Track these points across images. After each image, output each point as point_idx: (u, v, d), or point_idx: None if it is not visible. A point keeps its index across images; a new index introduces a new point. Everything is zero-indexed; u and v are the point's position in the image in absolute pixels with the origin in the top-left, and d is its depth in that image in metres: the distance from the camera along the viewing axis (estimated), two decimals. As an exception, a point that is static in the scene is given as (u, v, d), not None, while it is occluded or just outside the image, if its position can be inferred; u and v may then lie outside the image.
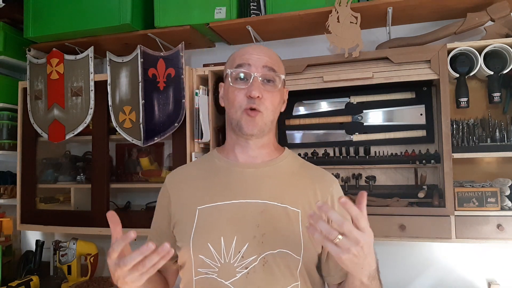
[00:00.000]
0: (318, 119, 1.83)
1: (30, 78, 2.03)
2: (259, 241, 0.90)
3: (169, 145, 2.07)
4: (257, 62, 0.93)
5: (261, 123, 0.94)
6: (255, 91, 0.90)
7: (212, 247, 0.90)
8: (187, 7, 1.85)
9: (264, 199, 0.93)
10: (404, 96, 1.74)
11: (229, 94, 0.95)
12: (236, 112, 0.94)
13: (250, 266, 0.88)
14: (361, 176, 1.78)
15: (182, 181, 1.03)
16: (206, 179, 1.00)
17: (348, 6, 1.62)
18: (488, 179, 1.62)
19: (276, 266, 0.89)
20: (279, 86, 0.96)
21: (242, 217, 0.91)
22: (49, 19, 1.98)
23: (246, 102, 0.92)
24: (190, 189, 0.99)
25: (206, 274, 0.90)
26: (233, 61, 0.97)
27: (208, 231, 0.92)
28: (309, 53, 1.85)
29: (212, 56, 2.16)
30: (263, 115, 0.93)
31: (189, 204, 0.96)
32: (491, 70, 1.54)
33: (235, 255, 0.89)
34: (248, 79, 0.93)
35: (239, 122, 0.94)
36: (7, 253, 2.22)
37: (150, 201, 2.05)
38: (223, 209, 0.93)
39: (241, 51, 0.98)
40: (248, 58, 0.94)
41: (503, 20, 1.57)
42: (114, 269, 0.79)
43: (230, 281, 0.88)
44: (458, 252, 1.77)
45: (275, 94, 0.95)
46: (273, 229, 0.91)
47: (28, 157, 2.05)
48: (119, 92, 1.89)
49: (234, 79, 0.94)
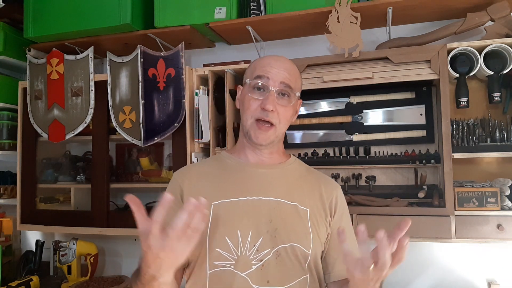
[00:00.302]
0: (318, 119, 1.83)
1: (30, 78, 2.03)
2: (272, 235, 0.95)
3: (169, 145, 2.07)
4: (276, 76, 0.98)
5: (273, 137, 1.00)
6: (269, 105, 0.95)
7: (229, 240, 0.94)
8: (187, 7, 1.85)
9: (275, 197, 0.99)
10: (404, 96, 1.74)
11: (245, 101, 1.01)
12: (247, 120, 1.00)
13: (264, 259, 0.93)
14: (361, 176, 1.78)
15: (193, 177, 1.05)
16: (219, 176, 1.04)
17: (348, 6, 1.62)
18: (488, 179, 1.62)
19: (288, 259, 0.95)
20: (293, 102, 1.01)
21: (257, 213, 0.97)
22: (49, 19, 1.99)
23: (259, 113, 0.97)
24: (203, 185, 1.02)
25: (222, 267, 0.93)
26: (253, 70, 1.02)
27: (225, 225, 0.95)
28: (309, 53, 1.85)
29: (212, 56, 2.16)
30: (276, 128, 0.99)
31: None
32: (491, 70, 1.54)
33: (251, 248, 0.94)
34: (265, 91, 0.98)
35: (249, 131, 1.00)
36: (7, 253, 2.22)
37: (150, 201, 2.04)
38: (238, 205, 0.97)
39: (262, 61, 1.02)
40: (268, 71, 0.98)
41: (503, 20, 1.57)
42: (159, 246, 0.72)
43: (246, 272, 0.92)
44: (458, 252, 1.77)
45: (288, 108, 1.00)
46: (284, 224, 0.97)
47: (28, 157, 2.05)
48: (119, 92, 1.89)
49: (252, 88, 0.99)
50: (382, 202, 1.61)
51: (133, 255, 2.22)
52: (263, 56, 1.13)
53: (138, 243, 2.20)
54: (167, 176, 1.94)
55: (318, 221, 1.01)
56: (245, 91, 1.02)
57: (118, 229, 1.86)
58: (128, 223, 1.85)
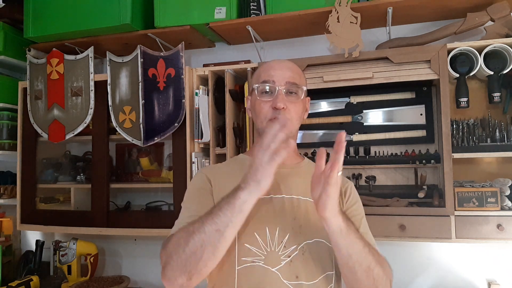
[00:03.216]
0: (318, 119, 1.83)
1: (30, 78, 2.03)
2: (297, 232, 0.98)
3: (169, 145, 2.07)
4: (281, 77, 1.02)
5: (287, 132, 0.99)
6: (280, 103, 0.99)
7: (259, 236, 0.96)
8: (187, 7, 1.86)
9: (297, 195, 1.03)
10: (404, 96, 1.74)
11: (256, 106, 1.05)
12: (262, 122, 1.03)
13: (292, 255, 0.96)
14: (361, 176, 1.78)
15: (219, 175, 1.08)
16: (243, 176, 1.04)
17: (348, 6, 1.62)
18: (488, 179, 1.62)
19: (313, 255, 0.98)
20: (302, 97, 1.05)
21: (281, 210, 1.00)
22: (49, 19, 1.99)
23: (271, 113, 1.01)
24: (228, 183, 1.02)
25: (252, 263, 0.95)
26: (258, 77, 1.07)
27: (253, 222, 0.97)
28: (309, 53, 1.85)
29: (212, 56, 2.16)
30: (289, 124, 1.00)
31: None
32: (491, 70, 1.54)
33: (279, 244, 0.96)
34: (273, 92, 1.02)
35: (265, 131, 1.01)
36: (7, 253, 2.22)
37: (150, 201, 2.04)
38: (263, 203, 0.99)
39: (265, 66, 1.07)
40: (273, 75, 1.03)
41: (503, 20, 1.57)
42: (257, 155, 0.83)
43: (276, 268, 0.94)
44: (458, 252, 1.77)
45: (298, 104, 1.04)
46: (307, 221, 1.00)
47: (28, 157, 2.06)
48: (119, 92, 1.89)
49: (260, 93, 1.04)
50: (382, 202, 1.61)
51: (133, 255, 2.22)
52: (264, 61, 1.16)
53: (137, 243, 2.20)
54: (167, 176, 1.94)
55: None
56: (254, 98, 1.07)
57: (118, 229, 1.86)
58: (128, 223, 1.86)
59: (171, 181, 1.83)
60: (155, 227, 1.81)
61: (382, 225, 1.54)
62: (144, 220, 1.85)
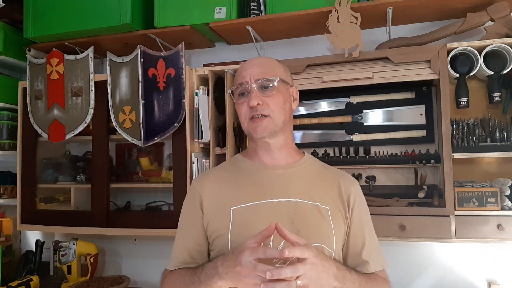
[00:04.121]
0: (318, 119, 1.83)
1: (30, 78, 2.03)
2: None
3: (169, 145, 2.07)
4: (250, 75, 1.02)
5: (271, 126, 1.01)
6: (253, 100, 0.99)
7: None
8: (187, 7, 1.86)
9: (295, 197, 1.00)
10: (404, 96, 1.74)
11: (237, 109, 1.06)
12: (243, 123, 1.04)
13: (288, 261, 0.93)
14: (361, 176, 1.78)
15: (211, 183, 1.06)
16: (236, 181, 1.05)
17: (348, 6, 1.62)
18: (488, 179, 1.62)
19: None
20: (280, 87, 1.02)
21: (277, 215, 0.97)
22: (49, 19, 1.99)
23: (249, 112, 1.01)
24: (221, 191, 1.04)
25: None
26: (235, 81, 1.07)
27: (247, 230, 0.95)
28: (309, 53, 1.85)
29: (212, 56, 2.16)
30: (271, 118, 1.01)
31: (222, 205, 1.01)
32: (491, 70, 1.54)
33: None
34: (248, 92, 1.02)
35: (248, 130, 1.03)
36: (7, 253, 2.22)
37: (150, 201, 2.05)
38: (257, 209, 0.98)
39: (239, 69, 1.07)
40: (244, 75, 1.03)
41: (503, 20, 1.58)
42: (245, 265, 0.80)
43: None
44: (458, 252, 1.77)
45: (276, 96, 1.02)
46: (307, 225, 0.97)
47: (28, 157, 2.05)
48: (119, 92, 1.89)
49: (238, 96, 1.05)
50: (382, 202, 1.61)
51: (133, 255, 2.22)
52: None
53: (137, 243, 2.20)
54: (167, 176, 1.94)
55: (339, 218, 1.01)
56: (235, 102, 1.07)
57: (118, 229, 1.86)
58: (128, 223, 1.86)
59: (171, 181, 1.83)
60: (155, 227, 1.81)
61: (382, 225, 1.54)
62: (144, 220, 1.85)
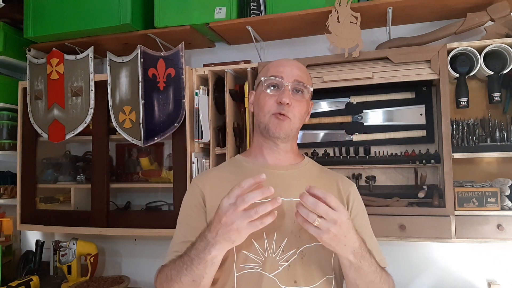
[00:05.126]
0: (318, 119, 1.83)
1: (30, 78, 2.03)
2: (296, 235, 0.97)
3: (169, 145, 2.07)
4: (289, 74, 1.03)
5: (287, 128, 1.03)
6: (285, 98, 1.00)
7: (256, 242, 0.96)
8: (187, 7, 1.86)
9: (297, 197, 1.00)
10: (404, 96, 1.74)
11: (260, 100, 1.05)
12: (265, 116, 1.03)
13: (290, 259, 0.96)
14: (361, 176, 1.78)
15: (213, 181, 1.07)
16: (238, 180, 1.03)
17: (348, 6, 1.62)
18: (488, 179, 1.62)
19: (313, 258, 0.97)
20: (307, 97, 1.06)
21: (280, 214, 0.97)
22: (49, 19, 1.99)
23: (276, 108, 1.01)
24: (223, 189, 1.02)
25: (250, 269, 0.95)
26: (267, 71, 1.07)
27: None
28: (309, 53, 1.85)
29: (212, 56, 2.16)
30: (290, 121, 1.02)
31: None
32: (491, 70, 1.54)
33: (277, 249, 0.96)
34: (280, 87, 1.03)
35: (267, 125, 1.03)
36: (7, 253, 2.22)
37: (150, 201, 2.05)
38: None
39: (275, 62, 1.08)
40: (282, 71, 1.03)
41: (503, 20, 1.57)
42: (226, 211, 0.80)
43: (274, 273, 0.94)
44: (458, 252, 1.77)
45: (302, 103, 1.05)
46: None
47: (28, 157, 2.05)
48: (119, 92, 1.89)
49: (267, 86, 1.04)
50: (382, 202, 1.61)
51: (133, 255, 2.22)
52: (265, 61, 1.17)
53: (137, 243, 2.20)
54: (167, 176, 1.94)
55: None
56: (259, 91, 1.06)
57: (118, 229, 1.86)
58: (128, 223, 1.86)
59: (171, 181, 1.83)
60: (155, 227, 1.81)
61: (382, 225, 1.54)
62: (144, 220, 1.85)
